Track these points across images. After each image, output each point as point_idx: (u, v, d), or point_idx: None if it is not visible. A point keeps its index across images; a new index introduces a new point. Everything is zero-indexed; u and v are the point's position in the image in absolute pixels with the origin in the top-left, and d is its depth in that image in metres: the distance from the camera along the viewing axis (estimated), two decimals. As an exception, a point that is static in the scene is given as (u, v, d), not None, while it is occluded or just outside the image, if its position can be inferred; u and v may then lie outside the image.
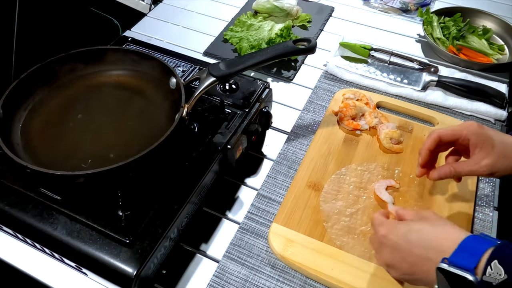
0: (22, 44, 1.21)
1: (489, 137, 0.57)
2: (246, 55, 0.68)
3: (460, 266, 0.42)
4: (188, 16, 1.12)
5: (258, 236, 0.65)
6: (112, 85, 0.73)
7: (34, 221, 0.56)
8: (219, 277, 0.61)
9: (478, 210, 0.69)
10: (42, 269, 0.62)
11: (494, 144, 0.57)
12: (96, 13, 1.42)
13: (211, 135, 0.67)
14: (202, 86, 0.65)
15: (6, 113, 0.63)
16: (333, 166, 0.73)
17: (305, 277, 0.61)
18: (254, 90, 0.75)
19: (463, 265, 0.42)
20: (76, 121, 0.67)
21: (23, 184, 0.60)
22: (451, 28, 1.00)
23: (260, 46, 0.94)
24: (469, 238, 0.44)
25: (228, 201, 0.71)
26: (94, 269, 0.55)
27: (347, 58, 0.94)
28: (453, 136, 0.60)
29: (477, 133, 0.58)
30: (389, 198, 0.67)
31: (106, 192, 0.59)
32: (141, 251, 0.54)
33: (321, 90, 0.90)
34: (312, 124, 0.82)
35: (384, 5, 1.15)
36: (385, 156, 0.75)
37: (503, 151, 0.57)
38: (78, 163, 0.60)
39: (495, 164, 0.57)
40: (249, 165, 0.76)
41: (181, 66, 0.81)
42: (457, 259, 0.43)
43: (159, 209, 0.58)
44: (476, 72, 0.94)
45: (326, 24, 1.09)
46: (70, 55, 0.71)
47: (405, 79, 0.90)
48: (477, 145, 0.58)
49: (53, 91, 0.70)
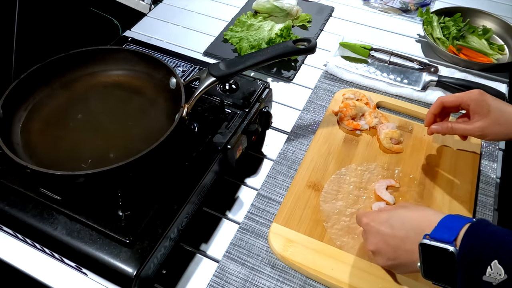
0: (22, 44, 1.21)
1: (487, 103, 0.62)
2: (246, 55, 0.68)
3: (440, 239, 0.45)
4: (188, 16, 1.12)
5: (258, 236, 0.65)
6: (112, 85, 0.73)
7: (34, 221, 0.56)
8: (219, 277, 0.61)
9: (478, 211, 0.69)
10: (42, 269, 0.62)
11: (491, 110, 0.62)
12: (96, 13, 1.42)
13: (211, 135, 0.67)
14: (202, 86, 0.65)
15: (6, 113, 0.63)
16: (333, 166, 0.73)
17: (305, 277, 0.61)
18: (254, 90, 0.75)
19: (443, 238, 0.45)
20: (76, 121, 0.67)
21: (23, 184, 0.60)
22: (451, 28, 1.00)
23: (260, 46, 0.94)
24: (447, 216, 0.48)
25: (228, 201, 0.71)
26: (94, 269, 0.55)
27: (347, 58, 0.94)
28: (455, 102, 0.66)
29: (476, 99, 0.63)
30: (390, 198, 0.67)
31: (106, 192, 0.59)
32: (141, 251, 0.54)
33: (321, 90, 0.90)
34: (312, 124, 0.82)
35: (384, 5, 1.15)
36: (385, 156, 0.75)
37: (498, 118, 0.62)
38: (78, 163, 0.60)
39: (488, 127, 0.62)
40: (249, 165, 0.76)
41: (181, 66, 0.81)
42: (437, 234, 0.46)
43: (159, 209, 0.58)
44: (476, 72, 0.94)
45: (326, 24, 1.09)
46: (70, 55, 0.71)
47: (405, 79, 0.90)
48: (476, 110, 0.63)
49: (53, 91, 0.70)
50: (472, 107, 0.64)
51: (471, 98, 0.64)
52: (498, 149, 0.78)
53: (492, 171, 0.74)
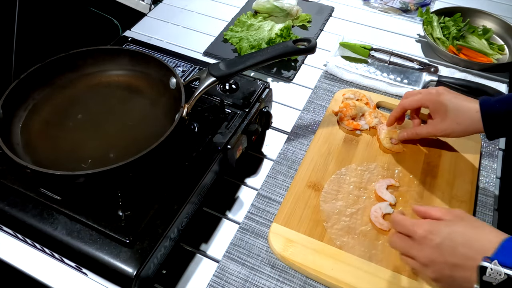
0: (22, 44, 1.21)
1: (444, 105, 0.66)
2: (246, 55, 0.68)
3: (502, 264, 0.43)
4: (188, 16, 1.12)
5: (258, 236, 0.65)
6: (112, 85, 0.73)
7: (34, 221, 0.56)
8: (219, 277, 0.61)
9: (478, 211, 0.69)
10: (42, 269, 0.61)
11: (448, 110, 0.66)
12: (96, 13, 1.42)
13: (211, 135, 0.67)
14: (202, 86, 0.65)
15: (6, 113, 0.63)
16: (333, 166, 0.73)
17: (305, 277, 0.61)
18: (254, 90, 0.75)
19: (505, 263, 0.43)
20: (76, 121, 0.67)
21: (23, 184, 0.60)
22: (451, 28, 1.00)
23: (260, 46, 0.94)
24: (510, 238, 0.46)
25: (228, 201, 0.71)
26: (94, 269, 0.55)
27: (347, 58, 0.94)
28: (416, 106, 0.71)
29: (434, 101, 0.68)
30: (391, 197, 0.67)
31: (106, 192, 0.59)
32: (141, 251, 0.54)
33: (321, 90, 0.90)
34: (312, 124, 0.82)
35: (384, 5, 1.15)
36: (385, 156, 0.75)
37: (455, 119, 0.66)
38: (78, 163, 0.60)
39: (448, 128, 0.67)
40: (249, 165, 0.76)
41: (181, 66, 0.81)
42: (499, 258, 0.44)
43: (159, 209, 0.58)
44: (476, 72, 0.94)
45: (326, 24, 1.09)
46: (70, 55, 0.71)
47: (405, 79, 0.90)
48: (434, 111, 0.68)
49: (53, 91, 0.70)
50: (431, 108, 0.69)
51: (429, 100, 0.68)
52: (498, 149, 0.78)
53: (492, 171, 0.74)
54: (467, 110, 0.65)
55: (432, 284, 0.52)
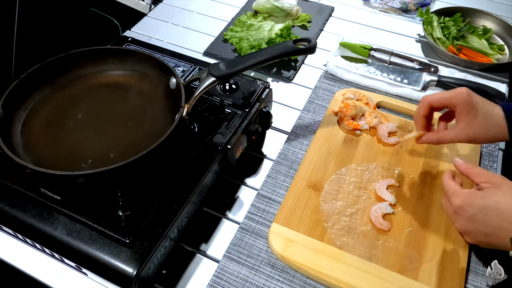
0: (22, 44, 1.21)
1: (474, 108, 0.60)
2: (246, 55, 0.68)
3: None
4: (188, 16, 1.12)
5: (258, 236, 0.65)
6: (112, 85, 0.73)
7: (34, 221, 0.56)
8: (219, 277, 0.61)
9: (478, 210, 0.69)
10: (42, 269, 0.62)
11: (477, 115, 0.60)
12: (96, 13, 1.42)
13: (211, 135, 0.67)
14: (202, 86, 0.65)
15: (6, 113, 0.63)
16: (333, 166, 0.73)
17: (305, 277, 0.61)
18: (254, 90, 0.75)
19: None
20: (76, 121, 0.67)
21: (23, 184, 0.60)
22: (451, 28, 1.00)
23: (260, 46, 0.94)
24: None
25: (228, 201, 0.71)
26: (94, 269, 0.55)
27: (347, 58, 0.94)
28: (442, 104, 0.64)
29: (463, 102, 0.61)
30: (391, 197, 0.67)
31: (106, 192, 0.59)
32: (141, 251, 0.54)
33: (321, 90, 0.90)
34: (312, 124, 0.82)
35: (384, 5, 1.15)
36: (385, 156, 0.75)
37: (484, 124, 0.61)
38: (78, 163, 0.60)
39: (474, 134, 0.61)
40: (249, 165, 0.76)
41: (181, 66, 0.81)
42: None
43: (159, 209, 0.58)
44: (476, 72, 0.94)
45: (326, 24, 1.09)
46: (70, 55, 0.71)
47: (405, 79, 0.90)
48: (462, 113, 0.61)
49: (53, 91, 0.70)
50: (459, 109, 0.62)
51: (459, 99, 0.62)
52: (498, 149, 0.78)
53: (492, 171, 0.74)
54: (496, 115, 0.61)
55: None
